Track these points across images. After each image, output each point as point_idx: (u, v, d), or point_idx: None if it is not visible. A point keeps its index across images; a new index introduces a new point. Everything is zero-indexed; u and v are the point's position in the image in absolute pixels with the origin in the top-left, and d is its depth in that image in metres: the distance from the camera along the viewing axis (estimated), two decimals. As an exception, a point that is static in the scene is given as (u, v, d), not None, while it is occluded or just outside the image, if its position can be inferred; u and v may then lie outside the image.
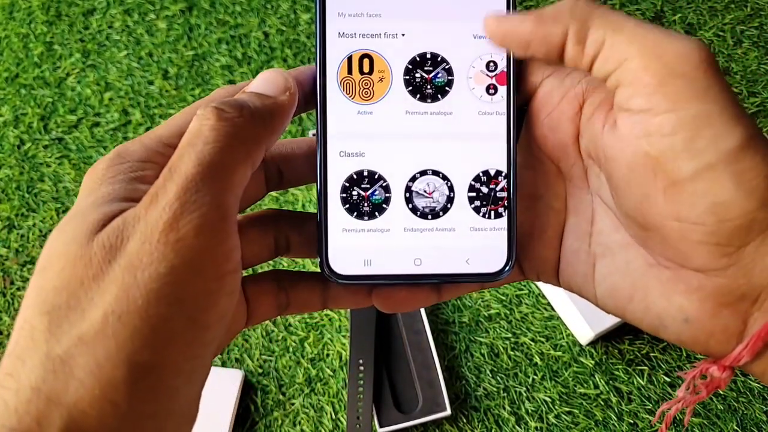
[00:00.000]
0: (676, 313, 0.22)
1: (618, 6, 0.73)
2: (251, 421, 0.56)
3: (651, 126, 0.21)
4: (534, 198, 0.27)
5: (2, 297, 0.62)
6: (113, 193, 0.20)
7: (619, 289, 0.24)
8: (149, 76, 0.72)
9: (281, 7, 0.75)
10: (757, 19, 0.72)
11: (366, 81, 0.25)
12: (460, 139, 0.26)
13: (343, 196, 0.25)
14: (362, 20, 0.25)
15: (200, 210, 0.19)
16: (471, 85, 0.26)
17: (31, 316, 0.18)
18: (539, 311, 0.59)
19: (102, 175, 0.21)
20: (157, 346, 0.19)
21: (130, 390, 0.18)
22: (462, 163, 0.26)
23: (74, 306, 0.18)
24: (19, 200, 0.66)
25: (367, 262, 0.25)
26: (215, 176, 0.20)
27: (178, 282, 0.19)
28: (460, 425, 0.55)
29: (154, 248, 0.19)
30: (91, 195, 0.21)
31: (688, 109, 0.20)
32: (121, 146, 0.22)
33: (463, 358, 0.57)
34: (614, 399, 0.55)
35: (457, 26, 0.26)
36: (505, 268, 0.26)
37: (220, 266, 0.20)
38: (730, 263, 0.21)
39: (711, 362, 0.22)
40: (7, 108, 0.71)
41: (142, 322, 0.18)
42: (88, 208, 0.20)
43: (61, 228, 0.20)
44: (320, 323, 0.59)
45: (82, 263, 0.19)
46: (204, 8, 0.76)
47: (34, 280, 0.19)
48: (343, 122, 0.25)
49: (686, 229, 0.21)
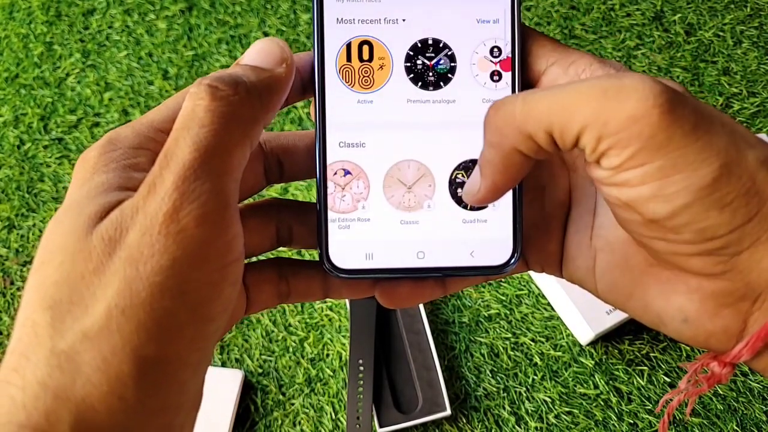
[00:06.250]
0: (675, 312, 0.22)
1: (618, 6, 0.73)
2: (251, 421, 0.56)
3: (618, 180, 0.20)
4: (538, 189, 0.26)
5: (2, 297, 0.62)
6: (107, 182, 0.20)
7: (619, 286, 0.24)
8: (149, 76, 0.72)
9: (281, 7, 0.75)
10: (757, 19, 0.72)
11: (366, 69, 0.25)
12: (464, 127, 0.25)
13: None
14: (361, 5, 0.25)
15: (200, 199, 0.19)
16: (474, 71, 0.25)
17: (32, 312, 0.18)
18: (539, 311, 0.59)
19: (94, 163, 0.21)
20: (163, 340, 0.18)
21: (138, 385, 0.18)
22: (461, 153, 0.25)
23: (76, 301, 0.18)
24: (19, 200, 0.66)
25: (369, 256, 0.25)
26: (213, 161, 0.19)
27: (181, 274, 0.18)
28: (460, 425, 0.55)
29: (155, 240, 0.18)
30: (84, 185, 0.20)
31: (652, 163, 0.19)
32: (113, 132, 0.22)
33: (463, 358, 0.57)
34: (614, 399, 0.55)
35: (459, 11, 0.25)
36: (511, 261, 0.25)
37: (223, 256, 0.20)
38: (727, 269, 0.20)
39: (711, 357, 0.22)
40: (7, 108, 0.71)
41: (147, 316, 0.18)
42: (83, 199, 0.20)
43: (57, 220, 0.19)
44: (320, 323, 0.59)
45: (82, 257, 0.18)
46: (204, 8, 0.75)
47: (33, 276, 0.19)
48: (343, 112, 0.25)
49: (676, 247, 0.21)
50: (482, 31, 0.25)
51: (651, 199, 0.20)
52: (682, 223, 0.20)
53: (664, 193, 0.19)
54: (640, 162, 0.19)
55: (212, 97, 0.20)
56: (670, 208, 0.19)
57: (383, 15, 0.25)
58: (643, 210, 0.20)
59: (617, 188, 0.20)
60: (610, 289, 0.24)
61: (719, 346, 0.22)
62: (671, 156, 0.19)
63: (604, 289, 0.25)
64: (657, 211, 0.20)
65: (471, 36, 0.25)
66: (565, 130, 0.20)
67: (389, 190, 0.25)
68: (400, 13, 0.25)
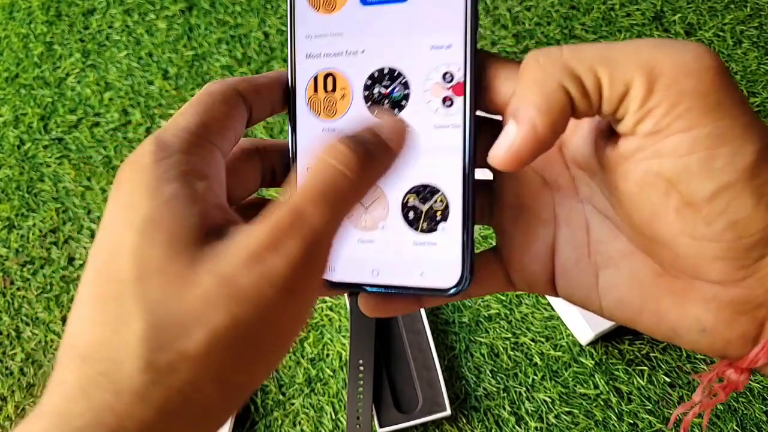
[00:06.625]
0: (692, 323, 0.22)
1: (618, 6, 0.73)
2: (251, 421, 0.56)
3: (663, 148, 0.19)
4: (520, 208, 0.26)
5: (2, 297, 0.62)
6: (181, 194, 0.20)
7: (628, 301, 0.23)
8: (149, 76, 0.72)
9: (281, 7, 0.75)
10: (757, 19, 0.72)
11: (330, 99, 0.26)
12: (416, 153, 0.25)
13: None
14: (326, 40, 0.26)
15: (319, 275, 0.19)
16: (427, 97, 0.25)
17: (131, 321, 0.18)
18: (539, 311, 0.59)
19: (152, 170, 0.20)
20: (254, 370, 0.19)
21: (223, 407, 0.19)
22: (414, 177, 0.25)
23: (177, 322, 0.18)
24: (19, 200, 0.66)
25: (332, 269, 0.26)
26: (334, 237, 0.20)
27: (280, 318, 0.19)
28: (460, 425, 0.55)
29: (266, 292, 0.18)
30: (156, 195, 0.19)
31: (702, 128, 0.19)
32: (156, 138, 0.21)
33: (463, 358, 0.57)
34: (614, 399, 0.55)
35: (414, 39, 0.25)
36: (459, 284, 0.25)
37: (313, 303, 0.21)
38: (747, 275, 0.20)
39: (727, 365, 0.22)
40: (7, 108, 0.71)
41: (246, 349, 0.18)
42: (167, 213, 0.19)
43: (146, 236, 0.19)
44: (320, 323, 0.59)
45: (187, 284, 0.18)
46: (204, 8, 0.75)
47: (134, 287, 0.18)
48: (310, 138, 0.26)
49: (701, 246, 0.20)
50: (436, 58, 0.25)
51: (697, 173, 0.19)
52: (718, 210, 0.19)
53: (711, 167, 0.19)
54: (690, 124, 0.19)
55: (363, 177, 0.20)
56: (714, 186, 0.19)
57: (345, 48, 0.26)
58: (686, 187, 0.19)
59: (660, 160, 0.20)
60: (617, 305, 0.24)
61: (736, 353, 0.21)
62: (720, 124, 0.19)
63: (610, 306, 0.24)
64: (700, 189, 0.19)
65: (425, 63, 0.25)
66: (615, 76, 0.19)
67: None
68: (360, 44, 0.26)
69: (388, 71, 0.25)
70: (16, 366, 0.61)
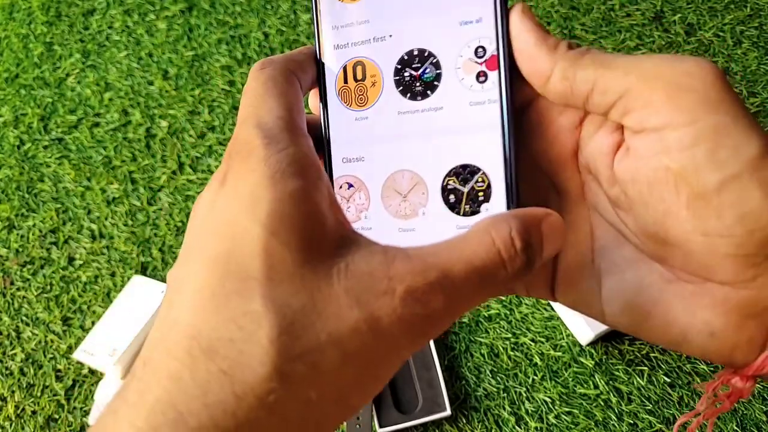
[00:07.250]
0: (702, 327, 0.22)
1: (618, 6, 0.73)
2: (251, 421, 0.56)
3: (670, 141, 0.20)
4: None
5: (2, 297, 0.62)
6: (304, 190, 0.19)
7: (635, 307, 0.23)
8: (149, 76, 0.72)
9: (281, 8, 0.75)
10: (757, 20, 0.72)
11: (360, 87, 0.26)
12: (452, 134, 0.25)
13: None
14: (353, 29, 0.26)
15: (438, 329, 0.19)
16: (460, 75, 0.25)
17: (261, 323, 0.17)
18: (539, 311, 0.59)
19: (272, 163, 0.19)
20: (369, 393, 0.19)
21: (333, 426, 0.19)
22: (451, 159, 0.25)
23: (312, 335, 0.18)
24: (19, 200, 0.66)
25: None
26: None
27: (402, 357, 0.19)
28: (460, 425, 0.55)
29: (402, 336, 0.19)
30: (279, 190, 0.19)
31: (706, 120, 0.20)
32: (259, 127, 0.21)
33: (463, 358, 0.57)
34: (614, 399, 0.55)
35: (442, 17, 0.25)
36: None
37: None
38: (757, 274, 0.20)
39: (732, 373, 0.22)
40: (7, 108, 0.71)
41: (368, 375, 0.19)
42: (294, 212, 0.19)
43: (276, 235, 0.18)
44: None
45: (324, 298, 0.18)
46: (204, 8, 0.76)
47: (264, 288, 0.18)
48: (343, 129, 0.26)
49: (713, 242, 0.20)
50: (466, 33, 0.24)
51: (703, 164, 0.20)
52: (727, 202, 0.20)
53: (717, 158, 0.19)
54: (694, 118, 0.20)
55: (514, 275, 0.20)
56: (721, 176, 0.20)
57: (372, 35, 0.26)
58: (694, 179, 0.20)
59: (667, 155, 0.20)
60: (623, 311, 0.24)
61: (742, 358, 0.21)
62: (723, 119, 0.19)
63: (614, 312, 0.24)
64: (707, 180, 0.20)
65: (455, 40, 0.24)
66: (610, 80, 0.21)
67: (387, 199, 0.26)
68: (387, 29, 0.25)
69: (418, 52, 0.25)
70: (16, 366, 0.61)
